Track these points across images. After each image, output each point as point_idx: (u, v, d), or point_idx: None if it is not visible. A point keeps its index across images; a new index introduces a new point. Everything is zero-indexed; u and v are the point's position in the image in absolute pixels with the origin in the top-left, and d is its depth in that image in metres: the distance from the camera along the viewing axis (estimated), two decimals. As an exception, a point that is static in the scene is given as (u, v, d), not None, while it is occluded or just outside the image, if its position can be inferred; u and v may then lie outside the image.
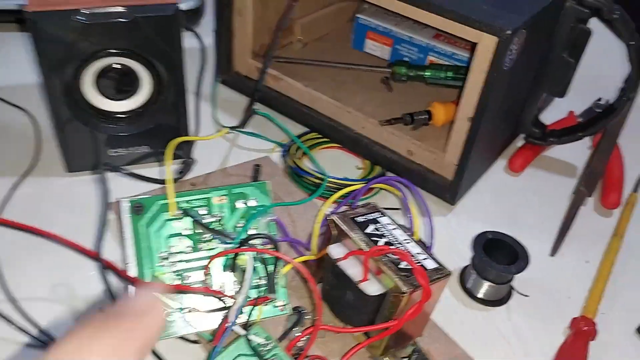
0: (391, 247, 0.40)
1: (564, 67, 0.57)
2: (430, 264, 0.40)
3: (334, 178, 0.55)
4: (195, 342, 0.43)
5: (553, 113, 0.71)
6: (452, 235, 0.55)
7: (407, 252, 0.40)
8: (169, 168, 0.42)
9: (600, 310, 0.49)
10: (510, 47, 0.46)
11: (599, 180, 0.59)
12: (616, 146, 0.63)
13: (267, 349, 0.39)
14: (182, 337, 0.42)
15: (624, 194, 0.61)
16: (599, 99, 0.70)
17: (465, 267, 0.51)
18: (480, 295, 0.49)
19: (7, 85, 0.66)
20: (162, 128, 0.55)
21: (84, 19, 0.46)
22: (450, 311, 0.48)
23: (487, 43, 0.47)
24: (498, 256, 0.48)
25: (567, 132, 0.61)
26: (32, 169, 0.56)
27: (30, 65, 0.69)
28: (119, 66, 0.51)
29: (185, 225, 0.42)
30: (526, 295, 0.50)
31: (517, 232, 0.50)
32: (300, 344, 0.40)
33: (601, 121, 0.58)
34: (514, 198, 0.60)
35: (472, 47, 0.49)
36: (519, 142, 0.66)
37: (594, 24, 0.55)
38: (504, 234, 0.50)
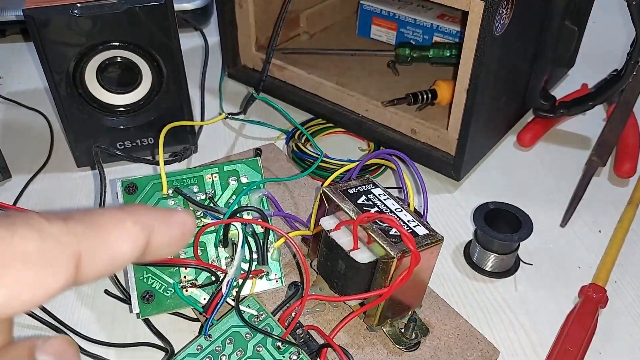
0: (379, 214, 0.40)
1: (567, 35, 0.55)
2: (421, 231, 0.40)
3: (332, 159, 0.55)
4: (195, 319, 0.43)
5: (567, 88, 0.69)
6: (458, 211, 0.54)
7: (394, 218, 0.39)
8: (161, 148, 0.43)
9: (613, 278, 0.47)
10: (499, 11, 0.45)
11: (612, 149, 0.57)
12: (632, 115, 0.60)
13: (259, 320, 0.39)
14: (178, 313, 0.43)
15: (640, 162, 0.58)
16: (614, 70, 0.68)
17: (470, 242, 0.50)
18: (487, 268, 0.48)
19: (25, 90, 0.69)
20: (165, 119, 0.56)
21: (80, 13, 0.47)
22: (455, 285, 0.47)
23: (476, 10, 0.46)
24: (503, 227, 0.47)
25: (577, 102, 0.59)
26: (45, 165, 0.58)
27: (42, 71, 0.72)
28: (119, 59, 0.52)
29: (178, 203, 0.43)
30: (530, 264, 0.48)
31: (526, 205, 0.49)
32: (293, 314, 0.40)
33: (610, 87, 0.56)
34: (523, 173, 0.59)
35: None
36: (530, 117, 0.64)
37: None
38: (506, 203, 0.48)
